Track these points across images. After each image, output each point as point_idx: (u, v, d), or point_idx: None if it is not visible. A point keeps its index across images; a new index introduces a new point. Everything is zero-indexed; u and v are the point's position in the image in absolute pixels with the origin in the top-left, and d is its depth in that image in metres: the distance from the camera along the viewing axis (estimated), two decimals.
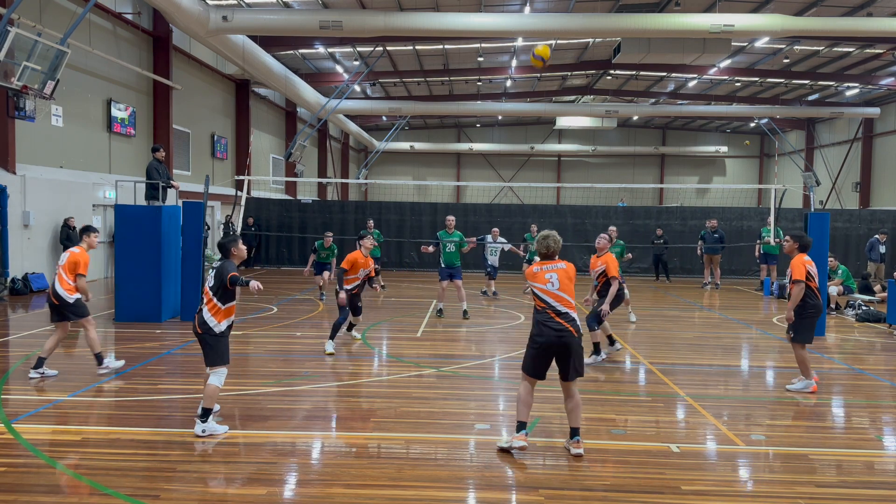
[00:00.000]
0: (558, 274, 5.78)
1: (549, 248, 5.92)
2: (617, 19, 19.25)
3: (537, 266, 5.88)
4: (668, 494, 4.89)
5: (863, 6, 20.69)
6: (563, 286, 5.75)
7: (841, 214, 23.07)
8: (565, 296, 5.72)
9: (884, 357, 10.17)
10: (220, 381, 6.08)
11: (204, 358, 6.18)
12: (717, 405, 7.19)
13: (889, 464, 5.83)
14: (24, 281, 14.98)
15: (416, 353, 9.59)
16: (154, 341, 9.95)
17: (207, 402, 5.99)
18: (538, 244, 6.00)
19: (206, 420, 5.96)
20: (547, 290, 5.74)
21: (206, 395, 6.00)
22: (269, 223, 23.18)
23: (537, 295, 5.78)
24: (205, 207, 12.05)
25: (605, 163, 48.56)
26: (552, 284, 5.74)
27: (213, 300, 6.16)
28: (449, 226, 13.27)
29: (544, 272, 5.81)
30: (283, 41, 23.66)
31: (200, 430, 5.93)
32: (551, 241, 5.94)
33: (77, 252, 8.02)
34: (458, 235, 13.24)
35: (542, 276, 5.80)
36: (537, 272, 5.83)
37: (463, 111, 35.36)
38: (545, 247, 5.93)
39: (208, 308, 6.16)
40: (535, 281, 5.81)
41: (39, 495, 4.70)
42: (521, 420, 5.69)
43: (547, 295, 5.73)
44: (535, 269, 5.86)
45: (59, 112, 16.64)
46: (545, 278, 5.77)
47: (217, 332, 6.15)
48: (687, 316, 13.89)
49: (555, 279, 5.76)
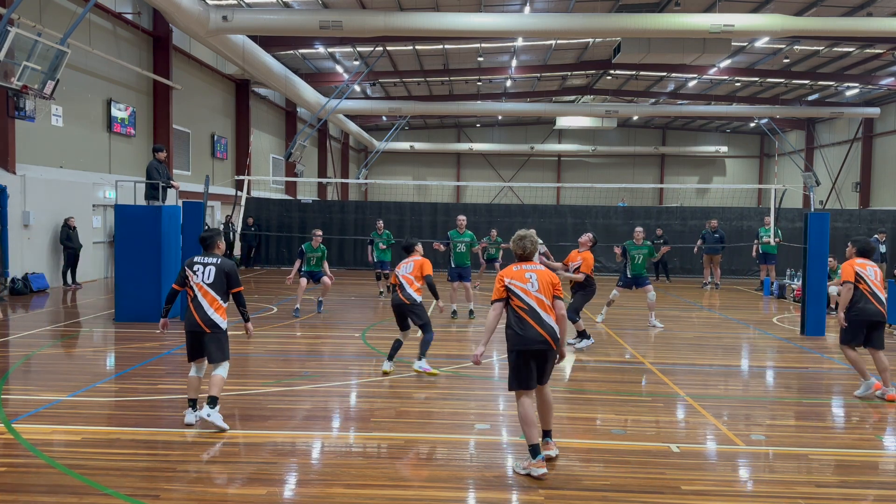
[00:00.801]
0: (538, 275, 5.45)
1: (526, 249, 5.55)
2: (617, 19, 19.25)
3: (516, 265, 5.52)
4: (668, 494, 4.89)
5: (863, 6, 20.69)
6: (542, 288, 5.39)
7: (841, 214, 23.07)
8: (544, 299, 5.37)
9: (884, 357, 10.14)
10: (226, 373, 6.19)
11: (209, 355, 6.16)
12: (717, 405, 7.19)
13: (889, 464, 5.83)
14: (24, 281, 14.98)
15: (416, 353, 9.57)
16: (154, 341, 9.95)
17: (216, 390, 6.04)
18: (514, 244, 5.63)
19: (215, 406, 5.99)
20: (527, 289, 5.36)
21: (214, 384, 6.04)
22: (269, 223, 23.17)
23: (516, 294, 5.37)
24: (205, 207, 12.05)
25: (605, 163, 48.56)
26: (532, 285, 5.38)
27: (216, 299, 6.16)
28: (460, 225, 13.22)
29: (524, 271, 5.45)
30: (283, 41, 23.67)
31: (207, 413, 5.95)
32: (527, 242, 5.57)
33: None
34: (469, 235, 13.19)
35: (523, 274, 5.43)
36: (517, 270, 5.46)
37: (463, 111, 35.37)
38: (521, 247, 5.56)
39: (213, 308, 6.13)
40: (514, 279, 5.41)
41: (39, 495, 4.70)
42: (532, 444, 5.17)
43: (527, 295, 5.35)
44: (514, 268, 5.49)
45: (59, 112, 16.64)
46: (526, 277, 5.41)
47: (224, 328, 6.20)
48: (687, 316, 13.90)
49: (535, 279, 5.41)
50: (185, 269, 6.29)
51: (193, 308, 6.16)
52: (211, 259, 6.26)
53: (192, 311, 6.15)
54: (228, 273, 6.21)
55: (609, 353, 9.87)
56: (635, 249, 12.15)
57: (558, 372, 8.71)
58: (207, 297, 6.14)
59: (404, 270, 8.43)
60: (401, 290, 8.29)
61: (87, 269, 17.41)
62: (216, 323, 6.12)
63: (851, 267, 7.60)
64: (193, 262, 6.28)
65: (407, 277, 8.34)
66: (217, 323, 6.12)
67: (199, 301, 6.14)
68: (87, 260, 17.28)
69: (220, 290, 6.17)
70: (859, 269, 7.56)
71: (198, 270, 6.22)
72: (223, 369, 6.16)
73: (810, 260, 11.42)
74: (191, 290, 6.21)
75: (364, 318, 12.72)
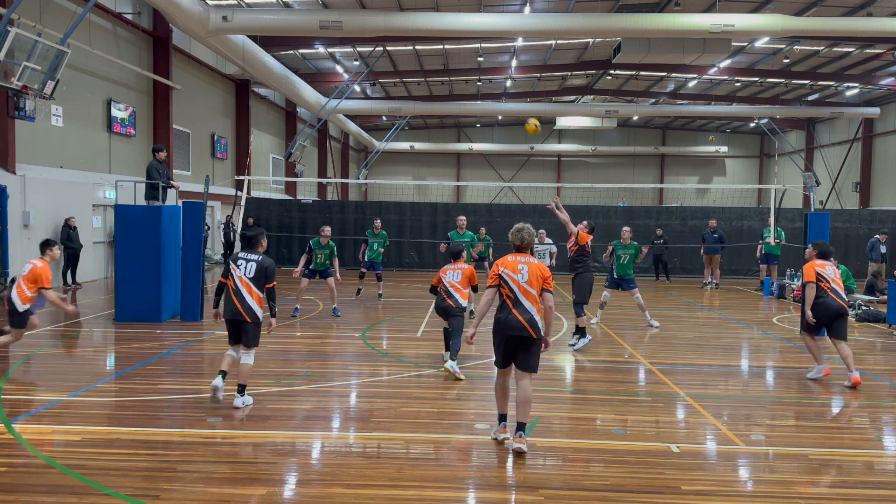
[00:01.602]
0: (529, 267, 5.83)
1: (523, 241, 5.98)
2: (617, 19, 19.25)
3: (512, 256, 5.95)
4: (668, 494, 4.89)
5: (863, 6, 20.69)
6: (531, 280, 5.78)
7: (841, 214, 23.07)
8: (531, 290, 5.76)
9: (884, 357, 10.17)
10: (252, 360, 6.89)
11: (245, 340, 6.81)
12: (717, 405, 7.19)
13: (889, 464, 5.83)
14: None
15: (416, 353, 9.59)
16: (154, 341, 9.95)
17: (244, 378, 6.77)
18: (512, 235, 6.05)
19: (244, 394, 6.73)
20: (517, 279, 5.79)
21: (243, 374, 6.77)
22: (269, 223, 23.15)
23: (506, 282, 5.83)
24: (205, 207, 12.05)
25: (605, 163, 48.56)
26: (522, 276, 5.80)
27: (255, 291, 6.81)
28: (461, 226, 13.21)
29: (518, 262, 5.88)
30: (283, 41, 23.66)
31: (241, 402, 6.69)
32: (525, 234, 6.00)
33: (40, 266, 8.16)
34: (470, 236, 13.20)
35: (516, 265, 5.86)
36: (511, 261, 5.89)
37: (463, 111, 35.36)
38: (519, 238, 5.99)
39: (253, 298, 6.80)
40: (506, 268, 5.86)
41: (39, 495, 4.70)
42: (500, 413, 5.97)
43: (515, 285, 5.78)
44: (509, 258, 5.92)
45: (59, 112, 16.64)
46: (518, 268, 5.84)
47: (261, 318, 6.90)
48: (687, 316, 13.89)
49: (525, 271, 5.81)
50: (230, 262, 6.93)
51: (235, 298, 6.78)
52: (253, 256, 6.91)
53: (235, 301, 6.77)
54: (266, 269, 6.87)
55: (609, 353, 9.87)
56: (622, 249, 12.16)
57: (558, 372, 8.72)
58: (248, 290, 6.79)
59: (451, 277, 8.61)
60: (448, 297, 8.51)
61: (87, 269, 17.41)
62: (255, 313, 6.80)
63: (812, 268, 8.38)
64: (238, 257, 6.94)
65: (454, 286, 8.55)
66: (256, 313, 6.80)
67: (241, 293, 6.78)
68: (87, 260, 17.29)
69: (258, 284, 6.82)
70: (819, 269, 8.35)
71: (240, 265, 6.87)
72: (251, 357, 6.87)
73: None
74: (232, 282, 6.82)
75: (364, 319, 12.72)
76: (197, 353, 9.43)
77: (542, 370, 8.66)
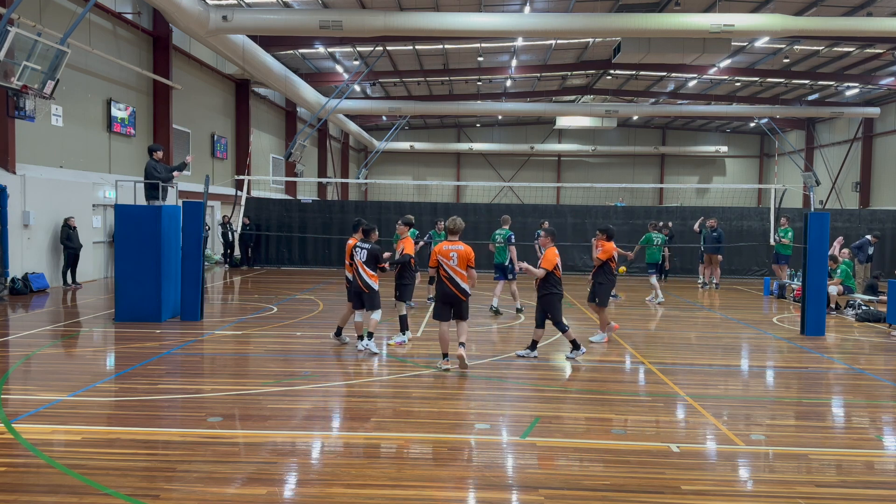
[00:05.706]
0: (457, 253, 8.14)
1: (456, 225, 8.37)
2: (617, 19, 19.25)
3: (446, 245, 8.19)
4: (668, 494, 4.89)
5: (863, 6, 20.69)
6: (459, 262, 8.14)
7: (841, 214, 23.08)
8: (460, 269, 8.16)
9: (884, 357, 10.16)
10: (379, 316, 9.40)
11: (367, 304, 9.29)
12: (717, 405, 7.19)
13: (889, 464, 5.83)
14: (24, 281, 14.98)
15: (416, 353, 9.59)
16: (154, 341, 9.95)
17: (372, 326, 9.27)
18: (449, 222, 8.36)
19: (371, 339, 9.23)
20: (449, 264, 8.16)
21: (370, 322, 9.26)
22: (269, 223, 23.17)
23: (442, 265, 8.16)
24: (205, 207, 12.05)
25: (605, 163, 48.57)
26: (452, 260, 8.14)
27: (368, 270, 9.22)
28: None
29: (449, 250, 8.18)
30: (283, 41, 23.67)
31: (364, 345, 9.22)
32: (459, 222, 8.45)
33: None
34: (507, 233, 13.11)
35: (448, 252, 8.18)
36: (445, 249, 8.18)
37: (463, 111, 35.37)
38: (453, 223, 8.37)
39: (368, 275, 9.22)
40: (441, 255, 8.18)
41: (39, 495, 4.69)
42: (443, 352, 8.45)
43: (448, 267, 8.17)
44: (444, 247, 8.17)
45: (59, 112, 16.64)
46: (449, 255, 8.16)
47: (376, 289, 9.32)
48: (687, 316, 13.89)
49: (455, 256, 8.14)
50: (352, 250, 9.32)
51: (357, 277, 9.26)
52: (366, 245, 9.32)
53: (358, 278, 9.26)
54: (375, 254, 9.23)
55: (609, 354, 9.87)
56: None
57: (558, 372, 8.72)
58: (363, 269, 9.20)
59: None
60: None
61: (87, 269, 17.41)
62: (371, 286, 9.26)
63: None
64: (357, 246, 9.34)
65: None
66: (371, 286, 9.25)
67: (360, 272, 9.24)
68: (87, 260, 17.29)
69: (370, 265, 9.24)
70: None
71: (357, 252, 9.30)
72: (377, 314, 9.35)
73: (810, 260, 11.40)
74: (352, 266, 9.35)
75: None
76: (197, 353, 9.43)
77: (542, 370, 8.70)
